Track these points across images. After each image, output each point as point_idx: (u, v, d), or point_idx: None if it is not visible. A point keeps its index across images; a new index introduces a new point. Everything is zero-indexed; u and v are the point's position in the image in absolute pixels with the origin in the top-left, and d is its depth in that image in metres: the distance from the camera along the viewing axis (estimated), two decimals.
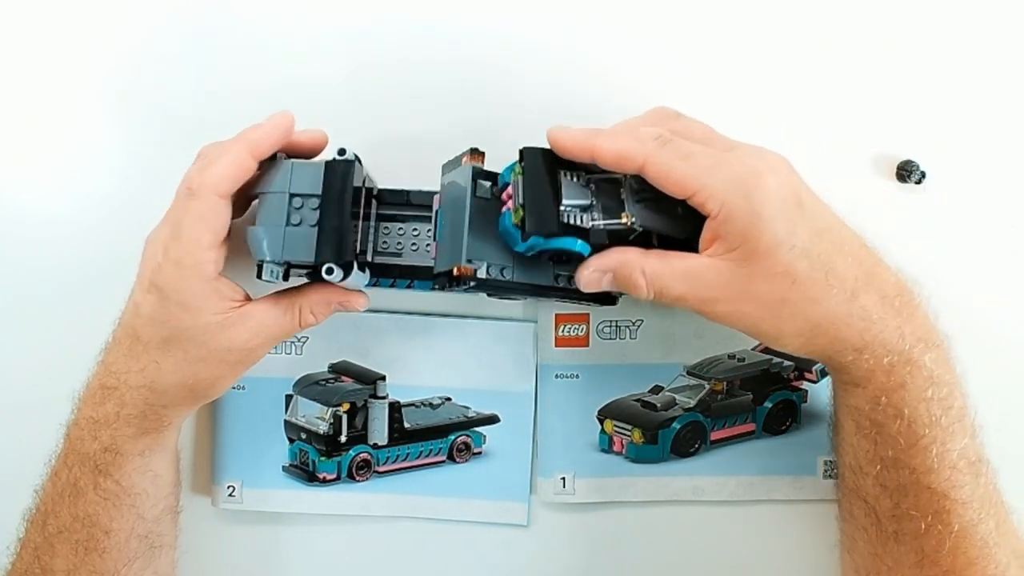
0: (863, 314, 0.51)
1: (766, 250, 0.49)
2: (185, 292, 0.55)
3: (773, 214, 0.49)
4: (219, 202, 0.54)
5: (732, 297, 0.51)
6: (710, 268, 0.51)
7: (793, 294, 0.50)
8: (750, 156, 0.51)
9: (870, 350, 0.51)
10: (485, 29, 0.65)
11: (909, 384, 0.51)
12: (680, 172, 0.50)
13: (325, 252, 0.55)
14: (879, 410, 0.52)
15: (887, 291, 0.51)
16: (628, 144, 0.51)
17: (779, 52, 0.64)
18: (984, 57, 0.64)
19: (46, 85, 0.67)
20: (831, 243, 0.50)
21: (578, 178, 0.54)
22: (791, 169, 0.52)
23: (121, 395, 0.57)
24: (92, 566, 0.58)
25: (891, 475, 0.53)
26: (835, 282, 0.50)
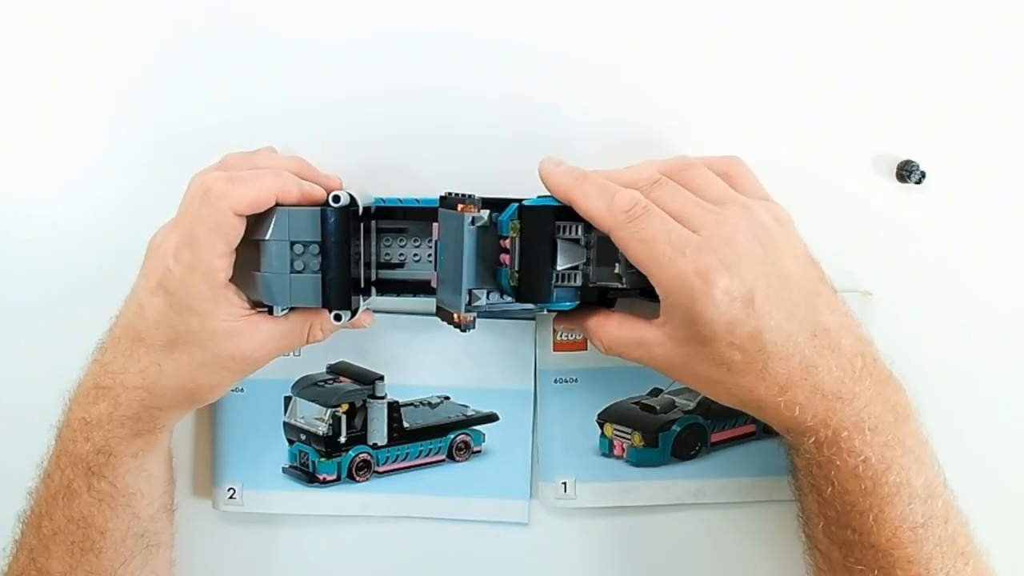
0: (790, 406, 0.53)
1: (703, 341, 0.53)
2: (195, 297, 0.55)
3: (714, 316, 0.51)
4: (233, 216, 0.54)
5: (675, 367, 0.55)
6: (657, 341, 0.55)
7: (726, 379, 0.54)
8: (719, 241, 0.52)
9: (794, 433, 0.55)
10: (489, 44, 0.65)
11: (836, 461, 0.53)
12: (636, 253, 0.53)
13: (332, 301, 0.58)
14: (812, 476, 0.56)
15: (823, 386, 0.53)
16: (600, 209, 0.54)
17: (779, 52, 0.64)
18: (984, 57, 0.64)
19: (47, 86, 0.67)
20: (773, 342, 0.52)
21: (576, 230, 0.56)
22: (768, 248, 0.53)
23: (116, 395, 0.57)
24: (89, 566, 0.58)
25: (836, 531, 0.55)
26: (767, 376, 0.53)
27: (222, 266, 0.55)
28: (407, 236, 0.62)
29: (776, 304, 0.52)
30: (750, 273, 0.52)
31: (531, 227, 0.56)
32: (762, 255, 0.53)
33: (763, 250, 0.53)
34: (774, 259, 0.53)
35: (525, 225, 0.56)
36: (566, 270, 0.56)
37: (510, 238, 0.56)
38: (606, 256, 0.56)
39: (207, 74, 0.66)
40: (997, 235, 0.65)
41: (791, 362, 0.52)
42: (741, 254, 0.52)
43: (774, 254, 0.53)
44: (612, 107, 0.65)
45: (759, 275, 0.52)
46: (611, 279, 0.57)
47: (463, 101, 0.65)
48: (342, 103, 0.66)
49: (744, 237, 0.52)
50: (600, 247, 0.56)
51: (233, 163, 0.59)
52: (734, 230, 0.52)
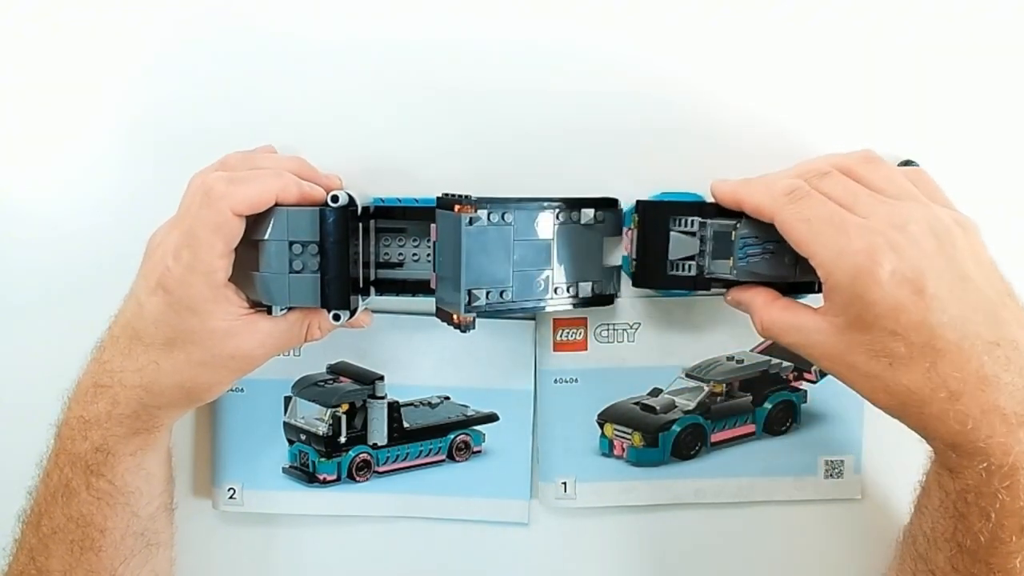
0: (960, 418, 0.48)
1: (864, 327, 0.49)
2: (194, 297, 0.55)
3: (876, 298, 0.48)
4: (233, 217, 0.54)
5: (832, 357, 0.52)
6: (816, 327, 0.52)
7: (886, 374, 0.50)
8: (889, 225, 0.49)
9: (963, 451, 0.49)
10: (489, 44, 0.65)
11: (1004, 497, 0.49)
12: (797, 233, 0.52)
13: (331, 301, 0.58)
14: (965, 504, 0.50)
15: (1004, 404, 0.48)
16: (762, 199, 0.54)
17: (779, 52, 0.64)
18: (984, 57, 0.64)
19: (47, 85, 0.67)
20: (944, 338, 0.48)
21: (691, 224, 0.59)
22: (948, 246, 0.50)
23: (115, 394, 0.57)
24: (88, 565, 0.58)
25: (965, 562, 0.51)
26: (935, 377, 0.48)
27: (222, 266, 0.55)
28: (406, 236, 0.62)
29: (953, 299, 0.48)
30: (922, 261, 0.48)
31: (648, 220, 0.60)
32: (937, 248, 0.49)
33: (939, 245, 0.49)
34: (951, 256, 0.49)
35: (643, 218, 0.60)
36: (679, 260, 0.59)
37: (631, 229, 0.62)
38: (722, 249, 0.58)
39: (207, 74, 0.66)
40: (997, 235, 0.65)
41: (967, 367, 0.48)
42: (913, 241, 0.49)
43: (951, 251, 0.50)
44: (612, 107, 0.65)
45: (932, 266, 0.49)
46: (724, 271, 0.58)
47: (463, 101, 0.65)
48: (342, 103, 0.66)
49: (918, 227, 0.49)
50: (716, 241, 0.58)
51: (233, 163, 0.59)
52: (907, 219, 0.50)
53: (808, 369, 0.66)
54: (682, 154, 0.65)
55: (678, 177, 0.63)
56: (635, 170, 0.64)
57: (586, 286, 0.62)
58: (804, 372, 0.66)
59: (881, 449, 0.66)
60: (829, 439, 0.66)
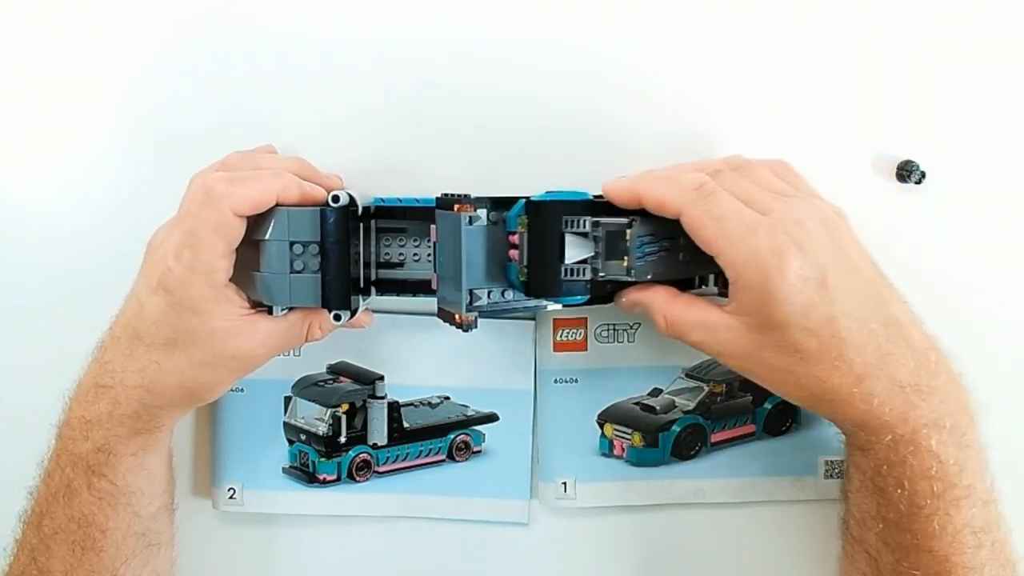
0: (865, 397, 0.51)
1: (775, 325, 0.51)
2: (195, 297, 0.55)
3: (787, 296, 0.50)
4: (234, 217, 0.54)
5: (742, 355, 0.53)
6: (725, 325, 0.53)
7: (798, 368, 0.51)
8: (789, 222, 0.51)
9: (869, 428, 0.52)
10: (489, 43, 0.65)
11: (911, 461, 0.51)
12: (707, 232, 0.52)
13: (331, 301, 0.58)
14: (880, 477, 0.53)
15: (899, 376, 0.51)
16: (667, 192, 0.53)
17: (779, 52, 0.65)
18: (984, 57, 0.64)
19: (47, 85, 0.67)
20: (847, 327, 0.50)
21: (583, 224, 0.56)
22: (834, 238, 0.52)
23: (116, 394, 0.57)
24: (90, 565, 0.58)
25: (893, 534, 0.53)
26: (841, 365, 0.51)
27: (223, 266, 0.55)
28: (407, 236, 0.62)
29: (848, 289, 0.51)
30: (822, 256, 0.51)
31: (539, 222, 0.56)
32: (830, 241, 0.52)
33: (830, 237, 0.52)
34: (841, 247, 0.52)
35: (533, 220, 0.56)
36: (575, 264, 0.56)
37: (518, 233, 0.56)
38: (615, 250, 0.56)
39: (207, 74, 0.66)
40: (997, 235, 0.65)
41: (866, 349, 0.51)
42: (812, 237, 0.51)
43: (840, 242, 0.52)
44: (612, 107, 0.65)
45: (830, 259, 0.51)
46: (620, 272, 0.56)
47: (463, 101, 0.65)
48: (342, 103, 0.66)
49: (812, 223, 0.51)
50: (608, 241, 0.56)
51: (234, 163, 0.59)
52: (802, 215, 0.51)
53: None
54: (681, 154, 0.64)
55: None
56: (635, 170, 0.64)
57: None
58: None
59: None
60: (829, 439, 0.66)
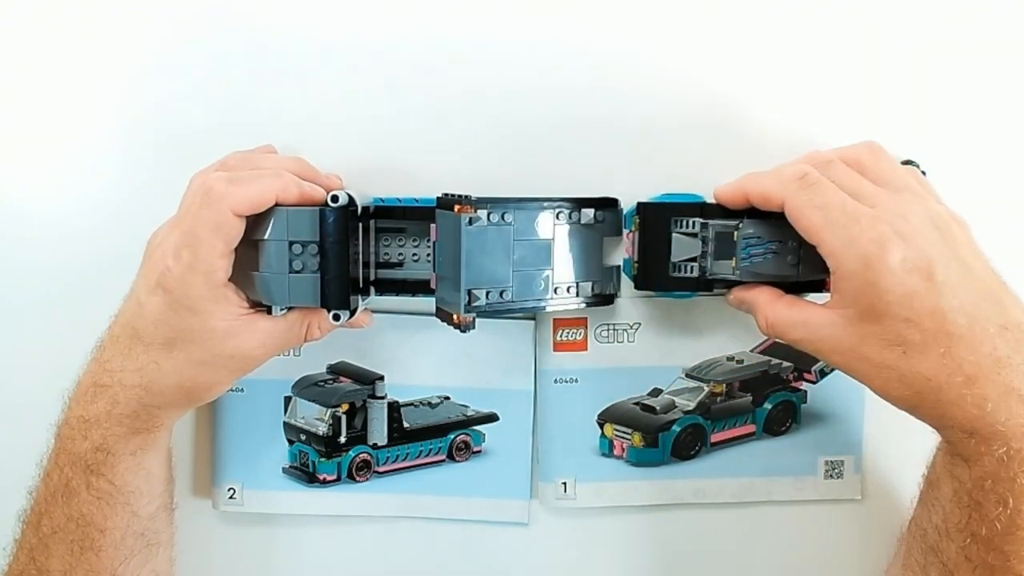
0: (978, 401, 0.49)
1: (877, 317, 0.50)
2: (194, 296, 0.55)
3: (888, 286, 0.49)
4: (233, 217, 0.54)
5: (843, 351, 0.52)
6: (825, 322, 0.52)
7: (901, 363, 0.50)
8: (895, 214, 0.50)
9: (981, 437, 0.49)
10: (489, 43, 0.65)
11: (1020, 480, 0.49)
12: (808, 221, 0.51)
13: (330, 301, 0.58)
14: (982, 492, 0.50)
15: (1018, 385, 0.48)
16: (770, 185, 0.54)
17: (779, 52, 0.64)
18: (984, 57, 0.64)
19: (47, 85, 0.67)
20: (956, 323, 0.48)
21: (692, 225, 0.59)
22: (947, 237, 0.51)
23: (114, 393, 0.57)
24: (89, 565, 0.58)
25: (979, 551, 0.51)
26: (950, 362, 0.49)
27: (222, 266, 0.55)
28: (406, 236, 0.62)
29: (959, 285, 0.49)
30: (929, 249, 0.49)
31: (649, 222, 0.60)
32: (940, 238, 0.50)
33: (940, 235, 0.50)
34: (952, 246, 0.50)
35: (644, 220, 0.60)
36: (681, 261, 0.59)
37: (632, 232, 0.61)
38: (724, 250, 0.58)
39: (207, 74, 0.66)
40: (997, 235, 0.64)
41: (980, 350, 0.48)
42: (918, 231, 0.50)
43: (952, 242, 0.50)
44: (612, 107, 0.65)
45: (938, 253, 0.49)
46: (727, 271, 0.58)
47: (463, 101, 0.65)
48: (342, 103, 0.66)
49: (920, 219, 0.50)
50: (718, 242, 0.58)
51: (234, 163, 0.59)
52: (910, 210, 0.50)
53: (808, 369, 0.66)
54: (683, 154, 0.65)
55: (679, 177, 0.63)
56: (636, 170, 0.64)
57: (586, 286, 0.62)
58: (804, 372, 0.66)
59: (881, 450, 0.66)
60: (829, 439, 0.66)
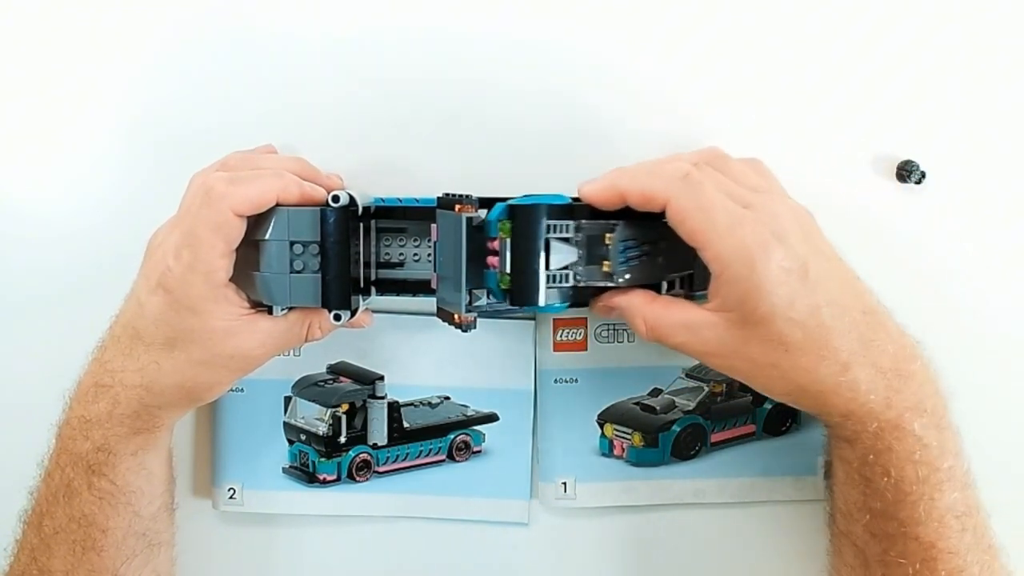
0: (852, 385, 0.52)
1: (761, 319, 0.51)
2: (195, 296, 0.55)
3: (772, 288, 0.50)
4: (234, 217, 0.54)
5: (726, 353, 0.53)
6: (707, 323, 0.53)
7: (784, 361, 0.52)
8: (768, 216, 0.51)
9: (856, 417, 0.53)
10: (489, 43, 0.65)
11: (896, 447, 0.52)
12: (694, 222, 0.51)
13: (331, 301, 0.58)
14: (867, 467, 0.53)
15: (882, 363, 0.52)
16: (653, 183, 0.52)
17: (778, 52, 0.65)
18: (984, 57, 0.64)
19: (47, 85, 0.67)
20: (831, 316, 0.51)
21: (567, 229, 0.55)
22: (807, 232, 0.53)
23: (115, 394, 0.57)
24: (90, 565, 0.58)
25: (879, 524, 0.54)
26: (827, 354, 0.51)
27: (222, 266, 0.55)
28: (407, 236, 0.62)
29: (827, 279, 0.52)
30: (800, 248, 0.51)
31: (523, 227, 0.54)
32: (804, 235, 0.52)
33: (804, 232, 0.53)
34: (813, 242, 0.53)
35: (516, 225, 0.54)
36: (558, 271, 0.55)
37: (499, 239, 0.55)
38: (594, 255, 0.56)
39: (207, 74, 0.66)
40: (997, 235, 0.65)
41: (850, 337, 0.51)
42: (789, 230, 0.51)
43: (811, 237, 0.53)
44: (612, 106, 0.65)
45: (807, 251, 0.51)
46: (602, 278, 0.56)
47: (463, 101, 0.65)
48: (342, 103, 0.66)
49: (787, 217, 0.52)
50: (589, 246, 0.55)
51: (234, 164, 0.59)
52: (777, 209, 0.52)
53: None
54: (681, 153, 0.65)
55: None
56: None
57: None
58: None
59: None
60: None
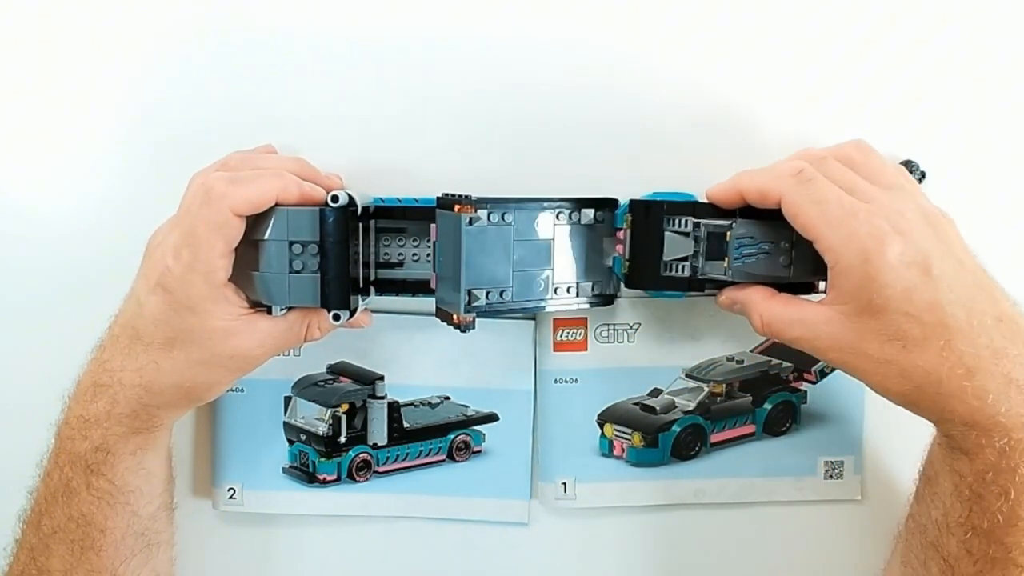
0: (979, 393, 0.49)
1: (876, 312, 0.50)
2: (194, 296, 0.55)
3: (888, 280, 0.49)
4: (233, 217, 0.54)
5: (842, 347, 0.52)
6: (823, 318, 0.52)
7: (901, 358, 0.50)
8: (888, 211, 0.50)
9: (982, 429, 0.50)
10: (489, 43, 0.65)
11: (1022, 470, 0.49)
12: (806, 216, 0.51)
13: (330, 301, 0.58)
14: (983, 484, 0.51)
15: (1017, 375, 0.49)
16: (766, 181, 0.53)
17: (778, 52, 0.65)
18: (984, 57, 0.64)
19: (47, 85, 0.67)
20: (955, 315, 0.49)
21: (685, 224, 0.58)
22: (939, 232, 0.51)
23: (114, 393, 0.57)
24: (89, 565, 0.58)
25: (980, 544, 0.51)
26: (950, 355, 0.49)
27: (222, 266, 0.55)
28: (406, 236, 0.62)
29: (955, 278, 0.50)
30: (925, 243, 0.50)
31: (641, 219, 0.59)
32: (933, 234, 0.51)
33: (934, 231, 0.51)
34: (945, 241, 0.51)
35: (636, 217, 0.60)
36: (673, 260, 0.58)
37: (623, 229, 0.60)
38: (716, 250, 0.57)
39: (207, 74, 0.66)
40: (997, 235, 0.65)
41: (978, 342, 0.49)
42: (913, 226, 0.50)
43: (944, 238, 0.51)
44: (613, 106, 0.65)
45: (933, 248, 0.50)
46: (719, 272, 0.57)
47: (463, 101, 0.65)
48: (342, 103, 0.66)
49: (914, 214, 0.51)
50: (710, 242, 0.57)
51: (234, 164, 0.59)
52: (904, 206, 0.51)
53: (808, 369, 0.66)
54: (682, 154, 0.65)
55: (678, 177, 0.63)
56: (635, 170, 0.64)
57: (586, 286, 0.62)
58: (804, 372, 0.66)
59: (881, 450, 0.67)
60: (829, 440, 0.66)
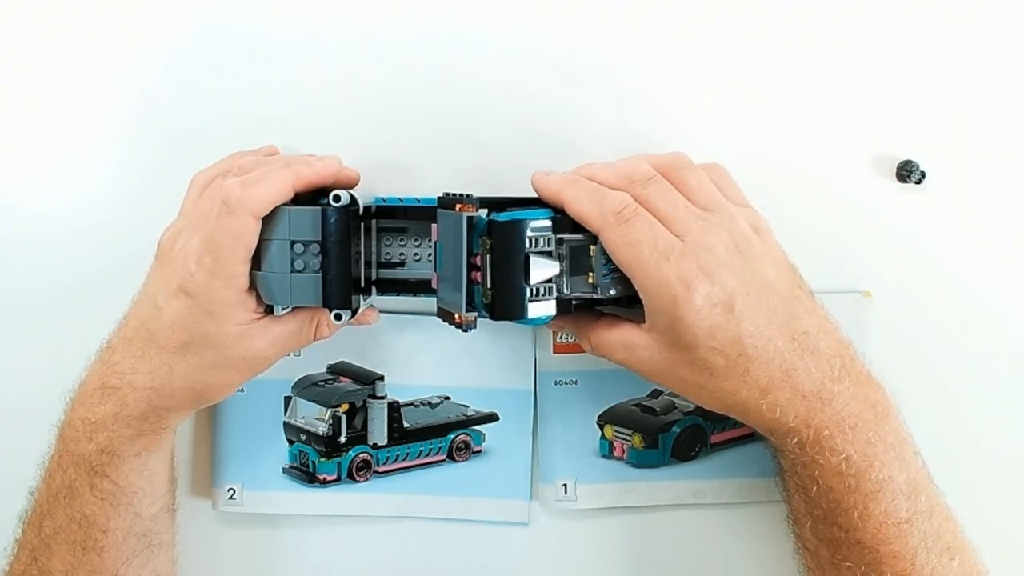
0: (771, 407, 0.54)
1: (686, 346, 0.54)
2: (217, 302, 0.55)
3: (694, 321, 0.53)
4: (254, 222, 0.55)
5: (660, 372, 0.56)
6: (643, 344, 0.56)
7: (709, 383, 0.55)
8: (702, 249, 0.54)
9: (778, 433, 0.56)
10: (490, 42, 0.65)
11: (820, 460, 0.54)
12: (622, 257, 0.54)
13: (332, 300, 0.58)
14: (797, 477, 0.57)
15: (803, 387, 0.54)
16: (589, 211, 0.55)
17: (779, 52, 0.65)
18: (984, 57, 0.64)
19: (47, 85, 0.67)
20: (753, 346, 0.54)
21: (548, 242, 0.55)
22: (747, 259, 0.55)
23: (123, 395, 0.57)
24: (91, 565, 0.58)
25: (823, 529, 0.56)
26: (749, 380, 0.54)
27: (243, 271, 0.55)
28: (407, 235, 0.62)
29: (755, 311, 0.54)
30: (730, 281, 0.53)
31: (502, 242, 0.55)
32: (742, 264, 0.54)
33: (743, 260, 0.55)
34: (753, 268, 0.55)
35: (496, 240, 0.55)
36: (541, 284, 0.55)
37: (480, 254, 0.55)
38: (579, 266, 0.56)
39: (207, 73, 0.66)
40: (997, 235, 0.65)
41: (771, 365, 0.54)
42: (722, 263, 0.54)
43: (754, 263, 0.55)
44: (613, 106, 0.65)
45: (738, 283, 0.54)
46: (586, 289, 0.56)
47: (464, 100, 0.65)
48: (342, 103, 0.66)
49: (724, 247, 0.54)
50: (572, 257, 0.56)
51: (244, 165, 0.58)
52: (715, 240, 0.54)
53: None
54: (689, 151, 0.64)
55: None
56: None
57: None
58: None
59: None
60: None
